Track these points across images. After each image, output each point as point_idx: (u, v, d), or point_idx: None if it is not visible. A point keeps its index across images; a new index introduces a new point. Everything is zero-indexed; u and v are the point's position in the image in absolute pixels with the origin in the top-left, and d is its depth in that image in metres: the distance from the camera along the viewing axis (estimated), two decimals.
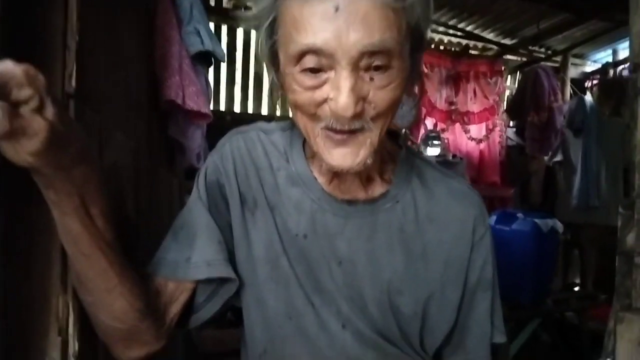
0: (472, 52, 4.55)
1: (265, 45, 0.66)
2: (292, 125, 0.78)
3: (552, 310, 3.21)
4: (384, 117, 0.65)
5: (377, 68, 0.61)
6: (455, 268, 0.77)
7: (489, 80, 4.27)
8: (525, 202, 4.32)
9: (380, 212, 0.76)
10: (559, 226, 2.99)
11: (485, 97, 4.27)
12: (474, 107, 4.26)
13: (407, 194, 0.78)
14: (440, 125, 4.15)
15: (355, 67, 0.60)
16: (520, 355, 3.07)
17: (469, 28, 4.28)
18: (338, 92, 0.60)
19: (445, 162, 3.82)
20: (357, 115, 0.62)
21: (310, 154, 0.77)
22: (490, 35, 4.42)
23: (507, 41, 4.53)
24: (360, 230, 0.76)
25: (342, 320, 0.75)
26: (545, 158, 4.22)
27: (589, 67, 4.91)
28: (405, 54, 0.63)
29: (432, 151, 3.97)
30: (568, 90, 4.48)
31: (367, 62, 0.60)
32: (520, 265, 2.89)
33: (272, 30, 0.65)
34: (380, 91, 0.63)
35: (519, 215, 3.06)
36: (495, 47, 4.53)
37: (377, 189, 0.77)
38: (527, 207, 4.24)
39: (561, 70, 4.59)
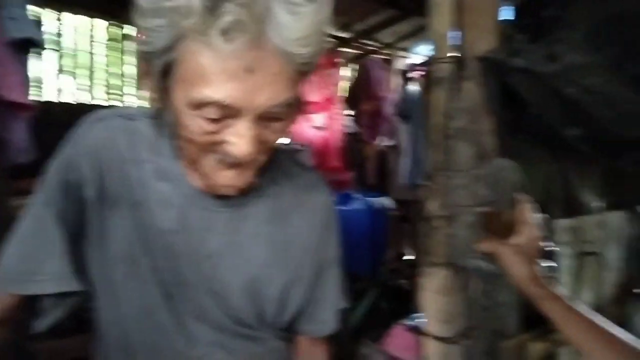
0: None
1: (158, 77, 0.63)
2: (160, 115, 0.73)
3: (387, 279, 3.58)
4: (273, 147, 0.69)
5: (275, 119, 0.64)
6: (312, 251, 0.85)
7: (327, 71, 4.50)
8: (363, 184, 4.67)
9: (248, 206, 0.79)
10: (389, 203, 3.35)
11: (325, 87, 4.50)
12: (315, 97, 4.47)
13: (272, 187, 0.82)
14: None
15: (257, 119, 0.62)
16: (362, 323, 3.37)
17: None
18: (239, 139, 0.62)
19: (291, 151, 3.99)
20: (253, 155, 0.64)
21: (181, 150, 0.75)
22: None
23: (342, 35, 4.81)
24: (229, 224, 0.78)
25: (201, 313, 0.78)
26: (378, 143, 4.62)
27: (414, 60, 5.43)
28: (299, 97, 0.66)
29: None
30: (396, 80, 4.92)
31: (268, 114, 0.62)
32: (358, 241, 3.17)
33: (169, 65, 0.62)
34: (275, 134, 0.66)
35: (356, 196, 3.35)
36: (332, 40, 4.79)
37: None
38: (365, 188, 4.59)
39: (390, 62, 5.03)
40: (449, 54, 1.22)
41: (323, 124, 4.48)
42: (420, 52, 5.51)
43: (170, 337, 0.78)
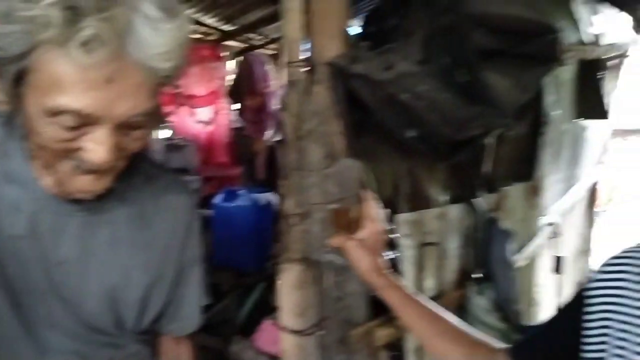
0: (195, 36, 4.65)
1: (10, 82, 0.61)
2: (10, 116, 0.71)
3: (273, 274, 3.61)
4: (132, 153, 0.69)
5: (136, 127, 0.65)
6: (173, 253, 0.86)
7: (212, 64, 4.44)
8: (253, 179, 4.68)
9: (105, 210, 0.78)
10: (275, 199, 3.40)
11: (210, 81, 4.43)
12: (200, 90, 4.39)
13: (131, 190, 0.81)
14: (166, 109, 4.17)
15: (117, 127, 0.62)
16: (250, 318, 3.40)
17: (188, 12, 4.36)
18: (98, 147, 0.62)
19: (175, 146, 3.90)
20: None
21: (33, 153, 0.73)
22: (210, 21, 4.58)
23: (227, 27, 4.76)
24: (84, 229, 0.76)
25: (53, 321, 0.76)
26: (267, 138, 4.65)
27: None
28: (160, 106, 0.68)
29: (163, 134, 4.01)
30: (283, 76, 4.97)
31: (129, 123, 0.63)
32: (244, 237, 3.19)
33: (22, 72, 0.60)
34: (135, 141, 0.67)
35: (241, 192, 3.36)
36: (217, 32, 4.72)
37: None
38: (254, 183, 4.60)
39: (277, 57, 5.06)
40: (300, 58, 1.28)
41: (209, 118, 4.42)
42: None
43: (19, 347, 0.75)
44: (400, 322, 1.02)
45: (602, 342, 0.69)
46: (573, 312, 0.75)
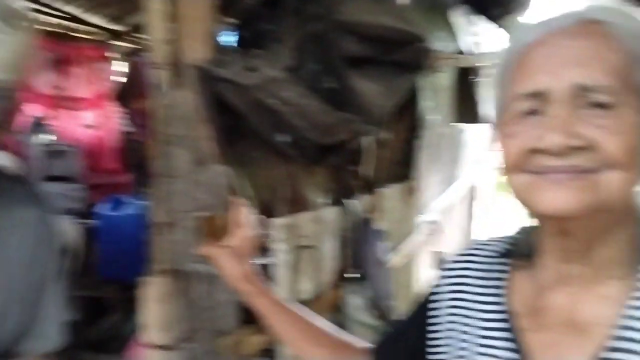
0: (81, 35, 4.37)
1: None
2: None
3: None
4: None
5: None
6: (26, 269, 0.81)
7: (98, 65, 4.20)
8: (145, 186, 4.48)
9: None
10: None
11: (96, 83, 4.19)
12: (85, 93, 4.13)
13: None
14: (46, 112, 3.88)
15: None
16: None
17: (74, 11, 4.09)
18: None
19: (57, 152, 3.64)
20: None
21: None
22: (96, 20, 4.33)
23: (116, 27, 4.52)
24: None
25: None
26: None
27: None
28: None
29: (45, 139, 3.74)
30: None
31: None
32: (131, 248, 3.02)
33: None
34: None
35: (127, 200, 3.21)
36: (104, 32, 4.47)
37: None
38: (146, 190, 4.40)
39: None
40: (164, 61, 1.23)
41: (95, 122, 4.17)
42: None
43: None
44: (268, 329, 1.01)
45: (449, 337, 0.71)
46: (422, 311, 0.77)
